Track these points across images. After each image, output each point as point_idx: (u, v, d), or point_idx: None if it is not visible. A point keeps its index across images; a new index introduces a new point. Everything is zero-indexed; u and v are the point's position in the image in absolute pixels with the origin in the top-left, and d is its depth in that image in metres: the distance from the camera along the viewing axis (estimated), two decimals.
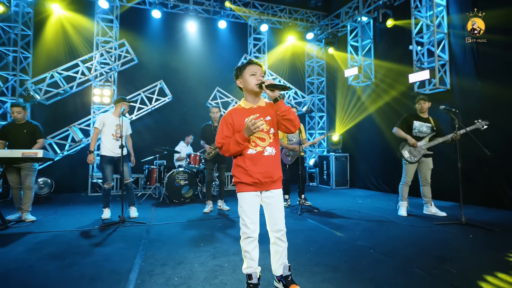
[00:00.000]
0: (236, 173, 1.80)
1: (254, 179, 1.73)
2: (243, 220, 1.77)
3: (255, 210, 1.78)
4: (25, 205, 3.75)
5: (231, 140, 1.73)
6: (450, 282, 1.94)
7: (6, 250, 2.68)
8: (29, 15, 6.46)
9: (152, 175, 5.91)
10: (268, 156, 1.76)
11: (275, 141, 1.82)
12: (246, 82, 1.82)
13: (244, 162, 1.75)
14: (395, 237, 3.03)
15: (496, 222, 3.56)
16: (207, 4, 7.61)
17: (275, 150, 1.80)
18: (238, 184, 1.81)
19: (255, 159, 1.75)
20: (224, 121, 1.81)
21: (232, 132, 1.78)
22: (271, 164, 1.77)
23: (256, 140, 1.77)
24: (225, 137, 1.78)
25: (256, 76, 1.78)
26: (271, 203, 1.80)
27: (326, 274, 2.10)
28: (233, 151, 1.75)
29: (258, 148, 1.76)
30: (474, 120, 3.69)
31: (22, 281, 2.01)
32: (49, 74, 5.99)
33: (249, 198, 1.77)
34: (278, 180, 1.82)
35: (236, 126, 1.77)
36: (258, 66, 1.82)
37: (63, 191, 6.32)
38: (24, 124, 3.87)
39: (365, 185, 7.19)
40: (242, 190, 1.78)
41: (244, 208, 1.77)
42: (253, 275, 1.78)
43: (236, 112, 1.82)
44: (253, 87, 1.78)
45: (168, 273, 2.14)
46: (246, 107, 1.84)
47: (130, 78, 7.10)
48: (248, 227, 1.74)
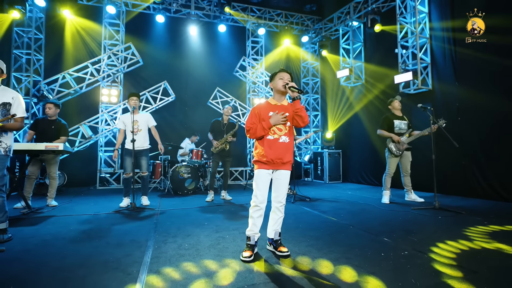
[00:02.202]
0: (256, 154, 2.30)
1: (268, 159, 2.21)
2: (255, 191, 2.24)
3: (266, 185, 2.25)
4: (50, 192, 4.21)
5: (258, 126, 2.22)
6: (408, 246, 2.40)
7: (38, 227, 3.12)
8: (41, 20, 6.89)
9: (157, 169, 6.35)
10: (282, 142, 2.24)
11: (290, 132, 2.30)
12: (275, 83, 2.32)
13: (263, 144, 2.24)
14: (374, 218, 3.49)
15: (467, 207, 4.02)
16: (208, 9, 8.06)
17: (288, 139, 2.27)
18: (256, 162, 2.29)
19: (272, 143, 2.22)
20: (253, 111, 2.31)
21: (258, 120, 2.27)
22: (283, 149, 2.24)
23: (275, 129, 2.25)
24: (253, 122, 2.26)
25: (284, 80, 2.27)
26: (279, 179, 2.28)
27: (310, 242, 2.56)
28: (258, 135, 2.24)
29: (275, 136, 2.24)
30: (442, 119, 4.15)
31: (60, 248, 2.44)
32: (61, 75, 6.42)
33: (263, 175, 2.25)
34: (287, 163, 2.28)
35: (262, 116, 2.27)
36: (286, 74, 2.31)
37: (73, 185, 6.74)
38: (53, 121, 4.35)
39: (356, 180, 7.66)
40: (259, 167, 2.27)
41: (257, 182, 2.24)
42: (252, 237, 2.24)
43: (263, 106, 2.33)
44: (280, 88, 2.27)
45: (179, 241, 2.59)
46: (272, 103, 2.34)
47: (136, 79, 7.55)
48: (257, 197, 2.22)
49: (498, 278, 1.81)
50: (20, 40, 6.63)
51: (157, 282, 1.76)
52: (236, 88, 8.43)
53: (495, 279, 1.79)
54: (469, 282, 1.72)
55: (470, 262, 2.03)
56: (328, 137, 8.27)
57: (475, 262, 2.03)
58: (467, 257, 2.13)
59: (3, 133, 2.60)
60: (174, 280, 1.78)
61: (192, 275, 1.86)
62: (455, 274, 1.84)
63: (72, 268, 1.97)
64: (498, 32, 4.51)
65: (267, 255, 2.24)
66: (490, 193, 4.63)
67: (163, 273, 1.89)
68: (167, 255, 2.22)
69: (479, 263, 2.01)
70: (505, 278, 1.80)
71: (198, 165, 6.05)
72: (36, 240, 2.63)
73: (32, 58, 6.65)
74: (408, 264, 2.01)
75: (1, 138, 2.58)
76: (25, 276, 1.86)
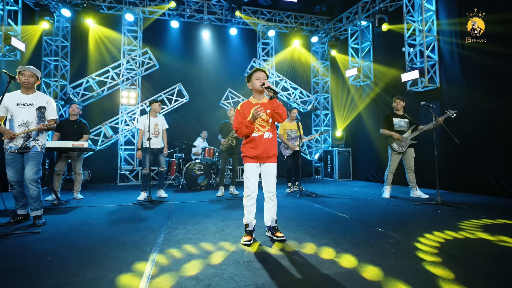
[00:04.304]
0: (244, 150, 2.54)
1: (255, 154, 2.46)
2: (246, 183, 2.50)
3: (255, 177, 2.50)
4: (76, 187, 4.71)
5: (242, 125, 2.46)
6: (398, 235, 2.57)
7: (67, 215, 3.54)
8: (67, 29, 7.48)
9: (172, 167, 6.74)
10: (266, 138, 2.48)
11: (272, 128, 2.54)
12: (253, 84, 2.55)
13: (250, 142, 2.49)
14: (373, 211, 3.65)
15: (471, 203, 4.06)
16: (220, 13, 8.39)
17: (271, 134, 2.52)
18: (244, 157, 2.54)
19: (257, 140, 2.47)
20: (237, 111, 2.56)
21: (243, 119, 2.50)
22: (268, 144, 2.48)
23: (259, 127, 2.50)
24: (239, 122, 2.50)
25: (260, 80, 2.48)
26: (267, 172, 2.52)
27: (307, 230, 2.78)
28: (244, 133, 2.48)
29: (260, 133, 2.49)
30: (451, 110, 4.20)
31: (86, 231, 2.81)
32: (85, 79, 6.96)
33: (251, 168, 2.50)
34: (273, 156, 2.52)
35: (246, 115, 2.50)
36: (262, 72, 2.52)
37: (96, 181, 7.28)
38: (75, 121, 4.81)
39: (366, 178, 7.73)
40: (247, 162, 2.52)
41: (247, 175, 2.50)
42: (249, 224, 2.50)
43: (245, 105, 2.57)
44: (258, 87, 2.49)
45: (188, 228, 2.89)
46: (253, 102, 2.57)
47: (152, 81, 8.01)
48: (249, 188, 2.48)
49: (473, 261, 1.96)
50: (49, 48, 7.24)
51: (165, 258, 2.06)
52: (247, 89, 8.66)
53: (470, 262, 1.94)
54: (443, 264, 1.89)
55: (451, 249, 2.19)
56: (338, 136, 8.38)
57: (456, 249, 2.19)
58: (450, 245, 2.28)
59: (40, 133, 3.01)
60: (178, 257, 2.08)
61: (195, 254, 2.15)
62: (433, 258, 2.01)
63: (96, 246, 2.31)
64: (505, 29, 4.51)
65: (264, 240, 2.49)
66: (499, 190, 4.63)
67: (171, 252, 2.19)
68: (176, 238, 2.52)
69: (460, 250, 2.17)
70: (480, 262, 1.96)
71: (210, 162, 6.38)
72: (66, 225, 3.02)
73: (59, 64, 7.25)
74: (392, 249, 2.20)
75: (38, 137, 3.00)
76: (58, 250, 2.22)
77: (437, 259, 1.98)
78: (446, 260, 1.95)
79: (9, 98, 2.93)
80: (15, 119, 2.92)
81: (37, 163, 2.95)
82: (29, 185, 2.91)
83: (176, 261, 1.99)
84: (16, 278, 1.73)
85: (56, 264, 1.94)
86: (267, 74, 2.56)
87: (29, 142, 2.94)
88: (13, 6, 5.73)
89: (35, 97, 3.03)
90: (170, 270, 1.83)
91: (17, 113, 2.92)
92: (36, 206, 2.98)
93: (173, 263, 1.96)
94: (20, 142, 2.92)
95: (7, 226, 2.89)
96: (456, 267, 1.83)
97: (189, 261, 1.98)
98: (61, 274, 1.77)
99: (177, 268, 1.86)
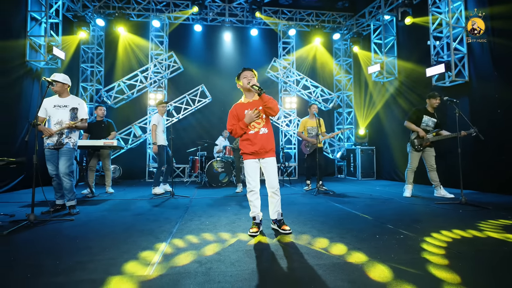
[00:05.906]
0: (242, 147, 2.65)
1: (253, 150, 2.56)
2: (247, 179, 2.61)
3: (256, 172, 2.60)
4: (107, 182, 5.18)
5: (237, 126, 2.58)
6: (408, 231, 2.54)
7: (98, 206, 3.91)
8: (101, 37, 8.13)
9: (195, 164, 7.06)
10: (262, 134, 2.57)
11: (267, 123, 2.62)
12: (241, 83, 2.63)
13: (247, 139, 2.59)
14: (389, 209, 3.59)
15: (499, 204, 3.82)
16: (241, 15, 8.59)
17: (267, 130, 2.60)
18: (243, 154, 2.65)
19: (254, 136, 2.57)
20: (231, 113, 2.65)
21: (237, 120, 2.61)
22: (265, 140, 2.57)
23: (254, 124, 2.59)
24: (232, 124, 2.62)
25: (247, 78, 2.56)
26: (267, 167, 2.60)
27: (315, 224, 2.84)
28: (239, 134, 2.60)
29: (255, 129, 2.58)
30: (474, 128, 3.97)
31: (112, 220, 3.11)
32: (117, 83, 7.52)
33: (251, 164, 2.60)
34: (270, 151, 2.61)
35: (240, 116, 2.61)
36: (249, 72, 2.60)
37: (127, 177, 7.83)
38: (101, 121, 5.26)
39: (390, 177, 7.48)
40: (246, 158, 2.63)
41: (248, 171, 2.60)
42: (256, 217, 2.62)
43: (238, 106, 2.66)
44: (246, 86, 2.58)
45: (202, 220, 3.08)
46: (245, 102, 2.66)
47: (177, 83, 8.42)
48: (250, 183, 2.59)
49: (479, 258, 1.91)
50: (86, 56, 7.91)
51: (178, 243, 2.25)
52: (269, 88, 8.81)
53: (476, 258, 1.90)
54: (446, 259, 1.87)
55: (459, 246, 2.14)
56: (361, 134, 8.19)
57: (465, 246, 2.13)
58: (460, 242, 2.22)
59: (73, 131, 3.39)
60: (191, 243, 2.26)
61: (206, 240, 2.32)
62: (438, 251, 1.99)
63: (118, 232, 2.58)
64: None
65: (270, 232, 2.60)
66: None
67: (184, 238, 2.38)
68: (190, 228, 2.72)
69: (469, 247, 2.11)
70: (486, 258, 1.90)
71: (231, 160, 6.59)
72: (96, 214, 3.36)
73: (95, 70, 7.90)
74: (397, 244, 2.20)
75: (70, 135, 3.37)
76: (87, 235, 2.51)
77: (441, 251, 1.96)
78: (449, 256, 1.92)
79: (48, 101, 3.34)
80: (51, 118, 3.33)
81: (69, 158, 3.32)
82: (62, 178, 3.29)
83: (183, 248, 2.17)
84: (50, 255, 2.01)
85: (83, 245, 2.21)
86: (255, 73, 2.60)
87: (63, 139, 3.32)
88: (54, 19, 6.37)
89: (69, 100, 3.42)
90: (181, 252, 2.01)
91: (53, 114, 3.32)
92: (70, 197, 3.35)
93: (183, 248, 2.14)
94: (55, 139, 3.31)
95: (47, 214, 3.29)
96: (458, 263, 1.81)
97: (196, 249, 2.15)
98: (86, 254, 2.03)
99: (185, 252, 2.04)
